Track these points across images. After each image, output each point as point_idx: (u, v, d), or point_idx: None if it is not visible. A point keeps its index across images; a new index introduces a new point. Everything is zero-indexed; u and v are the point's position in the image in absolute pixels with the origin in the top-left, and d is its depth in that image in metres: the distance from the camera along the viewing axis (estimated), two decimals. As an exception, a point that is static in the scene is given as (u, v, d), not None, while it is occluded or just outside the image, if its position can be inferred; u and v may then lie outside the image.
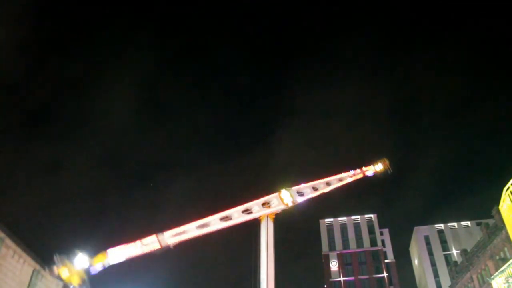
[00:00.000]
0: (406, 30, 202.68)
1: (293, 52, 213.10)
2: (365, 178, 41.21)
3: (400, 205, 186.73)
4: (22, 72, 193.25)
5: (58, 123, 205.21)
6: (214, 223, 31.91)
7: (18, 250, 30.74)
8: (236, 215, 32.70)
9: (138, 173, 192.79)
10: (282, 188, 34.83)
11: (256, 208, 33.59)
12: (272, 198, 34.25)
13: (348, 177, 39.78)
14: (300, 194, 35.97)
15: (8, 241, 29.40)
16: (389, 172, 42.39)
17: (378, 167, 41.87)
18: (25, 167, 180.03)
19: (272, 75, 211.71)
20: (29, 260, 32.25)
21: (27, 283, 32.08)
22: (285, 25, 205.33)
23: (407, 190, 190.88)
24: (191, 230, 31.39)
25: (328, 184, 38.49)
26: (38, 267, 33.56)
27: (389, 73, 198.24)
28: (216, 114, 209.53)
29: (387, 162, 42.53)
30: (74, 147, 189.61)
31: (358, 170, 40.85)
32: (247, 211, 33.38)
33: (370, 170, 41.56)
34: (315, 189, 37.40)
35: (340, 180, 39.48)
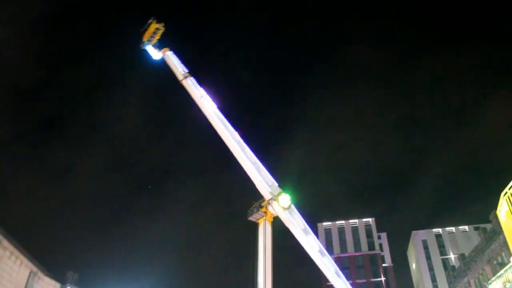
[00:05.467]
0: (414, 39, 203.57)
1: (304, 61, 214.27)
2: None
3: (399, 209, 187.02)
4: (36, 79, 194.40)
5: (70, 130, 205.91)
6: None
7: (16, 251, 30.60)
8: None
9: (147, 179, 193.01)
10: (278, 195, 34.59)
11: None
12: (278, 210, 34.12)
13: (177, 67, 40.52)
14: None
15: (5, 243, 29.27)
16: (161, 29, 42.33)
17: (156, 34, 42.41)
18: (35, 171, 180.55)
19: (283, 83, 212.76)
20: (26, 262, 32.10)
21: (23, 285, 31.92)
22: (296, 36, 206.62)
23: (406, 195, 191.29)
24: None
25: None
26: (35, 269, 33.42)
27: (398, 82, 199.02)
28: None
29: (152, 22, 42.46)
30: (84, 153, 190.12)
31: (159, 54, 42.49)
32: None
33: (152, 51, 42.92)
34: (240, 146, 36.51)
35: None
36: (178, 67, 41.41)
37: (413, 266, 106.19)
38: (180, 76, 40.35)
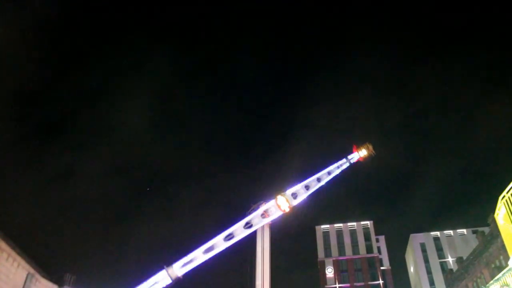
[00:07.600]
0: (417, 44, 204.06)
1: (307, 65, 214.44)
2: (352, 166, 42.32)
3: (397, 212, 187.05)
4: (40, 82, 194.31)
5: (73, 133, 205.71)
6: (219, 244, 32.03)
7: (13, 253, 30.49)
8: (239, 231, 32.91)
9: (148, 182, 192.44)
10: (278, 194, 34.98)
11: (256, 220, 33.93)
12: (270, 206, 34.46)
13: (336, 168, 40.79)
14: (294, 196, 36.22)
15: (2, 244, 29.16)
16: (373, 155, 43.42)
17: (362, 152, 42.68)
18: (36, 174, 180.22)
19: (286, 87, 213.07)
20: (23, 263, 31.97)
21: (21, 287, 31.78)
22: (299, 40, 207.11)
23: (404, 198, 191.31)
24: (198, 256, 31.34)
25: (319, 180, 38.99)
26: (32, 270, 33.29)
27: (399, 87, 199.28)
28: (229, 124, 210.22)
29: (370, 146, 43.59)
30: (85, 156, 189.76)
31: (344, 160, 41.64)
32: (248, 225, 33.66)
33: (355, 157, 42.52)
34: (307, 187, 37.88)
35: (329, 173, 40.20)
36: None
37: (411, 269, 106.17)
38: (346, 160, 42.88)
